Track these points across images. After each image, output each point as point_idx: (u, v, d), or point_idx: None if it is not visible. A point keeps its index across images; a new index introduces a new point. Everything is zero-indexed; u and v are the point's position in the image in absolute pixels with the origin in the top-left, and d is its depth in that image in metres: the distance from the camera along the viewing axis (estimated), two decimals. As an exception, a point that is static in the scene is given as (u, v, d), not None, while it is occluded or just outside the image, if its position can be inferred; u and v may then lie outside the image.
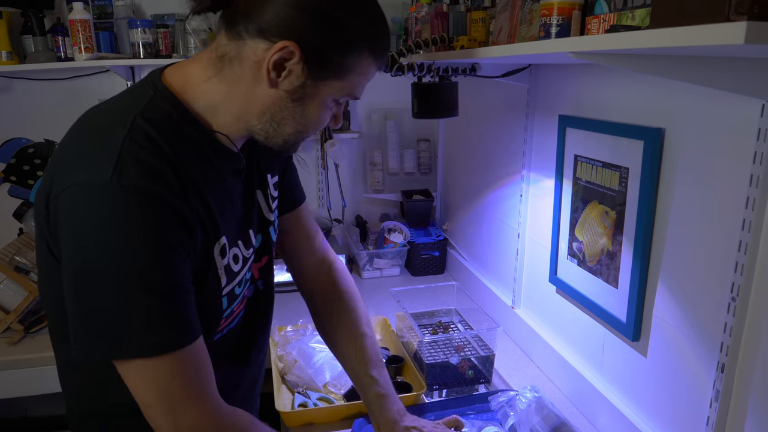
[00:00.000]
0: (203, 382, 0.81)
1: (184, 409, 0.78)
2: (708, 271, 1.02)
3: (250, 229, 0.96)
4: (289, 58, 0.78)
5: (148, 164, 0.74)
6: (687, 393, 1.08)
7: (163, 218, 0.74)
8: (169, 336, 0.75)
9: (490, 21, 1.46)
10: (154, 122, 0.78)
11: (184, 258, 0.78)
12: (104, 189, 0.71)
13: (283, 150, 0.90)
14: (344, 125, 2.44)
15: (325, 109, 0.86)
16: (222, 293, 0.88)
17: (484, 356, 1.54)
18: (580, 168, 1.37)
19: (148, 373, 0.76)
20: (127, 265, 0.72)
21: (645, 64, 0.81)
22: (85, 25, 1.98)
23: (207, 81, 0.83)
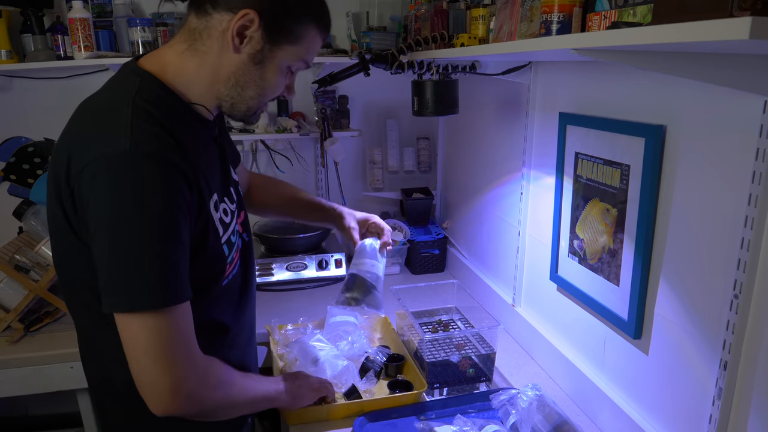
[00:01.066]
0: (193, 336, 0.92)
1: (179, 360, 0.88)
2: (710, 269, 1.01)
3: (231, 187, 1.10)
4: (249, 25, 0.92)
5: (155, 134, 0.87)
6: (689, 391, 1.08)
7: (173, 179, 0.86)
8: (169, 294, 0.86)
9: (490, 18, 1.46)
10: (150, 101, 0.91)
11: (186, 217, 0.89)
12: (124, 157, 0.83)
13: (244, 119, 1.04)
14: (343, 123, 2.44)
15: (281, 74, 1.00)
16: (222, 242, 1.01)
17: (485, 354, 1.53)
18: (580, 165, 1.36)
19: (152, 325, 0.86)
20: (145, 222, 0.83)
21: (647, 61, 0.81)
22: (85, 24, 1.98)
23: (180, 58, 0.96)
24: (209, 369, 0.96)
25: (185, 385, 0.89)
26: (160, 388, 0.88)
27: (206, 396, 0.94)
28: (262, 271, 2.17)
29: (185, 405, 0.90)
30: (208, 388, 0.94)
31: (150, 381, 0.88)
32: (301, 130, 2.31)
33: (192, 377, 0.90)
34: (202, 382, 0.93)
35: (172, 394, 0.88)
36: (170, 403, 0.89)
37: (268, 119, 2.29)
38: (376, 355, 1.53)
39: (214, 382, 0.96)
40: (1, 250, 1.88)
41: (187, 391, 0.90)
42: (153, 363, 0.87)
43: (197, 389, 0.92)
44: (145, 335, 0.86)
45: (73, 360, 1.75)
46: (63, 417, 2.54)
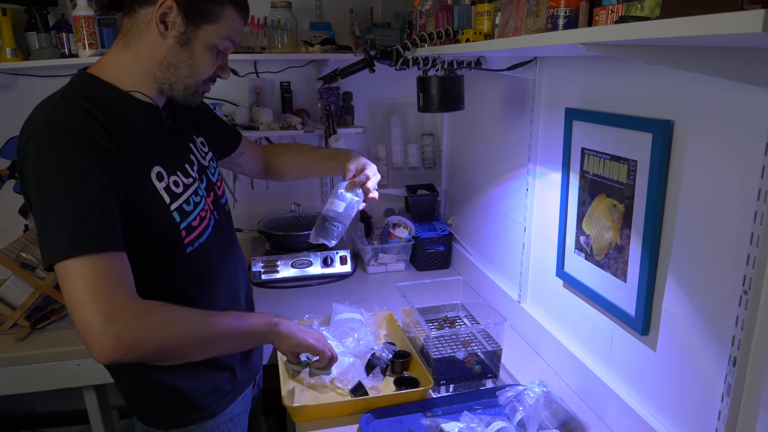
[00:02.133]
0: (126, 283, 0.96)
1: (106, 301, 0.92)
2: (719, 264, 1.01)
3: (186, 164, 1.18)
4: (169, 12, 1.04)
5: (72, 114, 0.98)
6: (697, 387, 1.08)
7: (82, 147, 0.95)
8: (95, 241, 0.93)
9: (496, 14, 1.45)
10: (80, 94, 1.03)
11: (103, 181, 0.96)
12: (39, 133, 0.95)
13: (186, 99, 1.13)
14: (348, 120, 2.43)
15: (208, 52, 1.09)
16: (171, 209, 1.10)
17: (491, 351, 1.53)
18: (587, 161, 1.36)
19: (79, 272, 0.91)
20: (57, 184, 0.93)
21: (656, 55, 0.81)
22: (89, 22, 1.98)
23: (117, 56, 1.09)
24: (145, 310, 0.96)
25: (114, 326, 0.90)
26: (91, 332, 0.90)
27: (142, 336, 0.93)
28: (267, 268, 2.17)
29: (118, 347, 0.91)
30: (143, 328, 0.94)
31: (81, 326, 0.91)
32: (305, 126, 2.30)
33: (122, 318, 0.91)
34: (134, 323, 0.93)
35: (103, 336, 0.90)
36: (104, 347, 0.90)
37: (273, 116, 2.29)
38: (382, 352, 1.53)
39: (150, 321, 0.95)
40: (7, 247, 1.89)
41: (117, 332, 0.90)
42: (82, 309, 0.91)
43: (129, 330, 0.92)
44: (72, 283, 0.92)
45: (79, 357, 1.76)
46: (69, 414, 2.55)
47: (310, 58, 2.35)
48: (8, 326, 1.82)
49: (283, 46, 2.23)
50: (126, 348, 0.91)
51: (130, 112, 1.08)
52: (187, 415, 1.18)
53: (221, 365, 1.22)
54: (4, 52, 2.05)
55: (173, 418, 1.19)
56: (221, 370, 1.22)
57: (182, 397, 1.17)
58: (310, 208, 2.54)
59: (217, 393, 1.22)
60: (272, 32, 2.23)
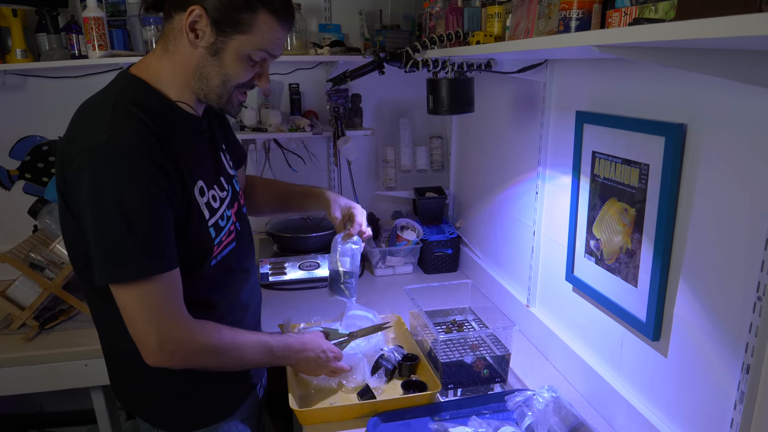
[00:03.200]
0: (178, 301, 1.03)
1: (164, 322, 1.01)
2: (732, 270, 0.99)
3: (221, 177, 1.19)
4: (198, 20, 1.00)
5: (131, 129, 0.96)
6: (709, 394, 1.06)
7: (144, 168, 0.95)
8: (155, 263, 0.97)
9: (506, 16, 1.45)
10: (132, 101, 1.00)
11: (163, 201, 0.98)
12: (100, 149, 0.94)
13: (222, 109, 1.10)
14: (356, 122, 2.43)
15: (241, 62, 1.05)
16: (208, 224, 1.10)
17: (499, 355, 1.52)
18: (598, 164, 1.34)
19: (138, 293, 0.97)
20: (119, 206, 0.93)
21: (671, 58, 0.80)
22: (99, 23, 1.98)
23: (159, 61, 1.06)
24: (195, 334, 1.06)
25: (169, 346, 1.02)
26: (148, 347, 1.01)
27: (190, 358, 1.06)
28: (275, 269, 2.17)
29: (171, 361, 1.04)
30: (192, 352, 1.06)
31: (139, 340, 1.01)
32: (314, 128, 2.30)
33: (176, 340, 1.02)
34: (185, 346, 1.04)
35: (159, 352, 1.01)
36: (158, 359, 1.03)
37: (281, 118, 2.29)
38: (391, 354, 1.53)
39: (199, 347, 1.06)
40: (17, 248, 1.90)
41: (172, 350, 1.02)
42: (140, 326, 1.00)
43: (181, 350, 1.04)
44: (132, 302, 0.99)
45: (87, 358, 1.76)
46: (77, 414, 2.56)
47: (319, 60, 2.34)
48: (17, 326, 1.82)
49: (292, 47, 2.23)
50: (176, 362, 1.05)
51: (178, 124, 1.06)
52: (196, 419, 1.18)
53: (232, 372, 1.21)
54: (15, 53, 2.06)
55: (182, 422, 1.18)
56: (230, 377, 1.21)
57: (192, 401, 1.17)
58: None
59: (227, 397, 1.22)
60: (281, 34, 2.22)
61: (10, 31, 2.07)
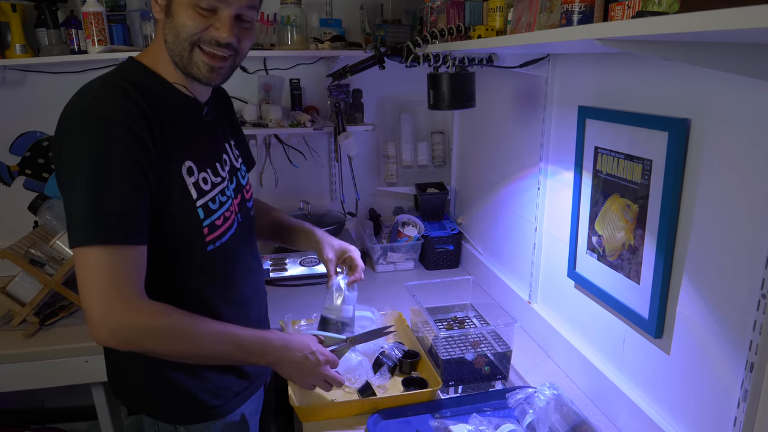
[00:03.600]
0: (134, 281, 0.99)
1: (108, 298, 0.96)
2: (736, 267, 0.98)
3: (217, 163, 1.17)
4: None
5: (113, 100, 0.98)
6: (713, 392, 1.05)
7: (118, 135, 0.96)
8: (113, 233, 0.95)
9: (508, 10, 1.43)
10: (125, 78, 1.03)
11: (135, 171, 0.97)
12: (79, 116, 0.97)
13: (190, 72, 1.07)
14: (357, 117, 2.42)
15: (187, 12, 1.01)
16: (196, 204, 1.09)
17: (500, 352, 1.51)
18: (600, 160, 1.33)
19: (90, 261, 0.95)
20: (93, 171, 0.94)
21: (675, 52, 0.78)
22: (98, 18, 1.97)
23: (155, 46, 1.09)
24: (138, 314, 0.99)
25: (110, 322, 0.97)
26: (89, 317, 0.97)
27: (133, 339, 1.00)
28: (276, 266, 2.16)
29: (111, 341, 0.99)
30: (134, 332, 0.99)
31: (84, 310, 0.98)
32: (314, 124, 2.29)
33: (116, 319, 0.97)
34: (126, 326, 0.98)
35: (97, 325, 0.97)
36: (97, 333, 0.98)
37: (282, 113, 2.27)
38: (392, 351, 1.52)
39: (141, 328, 0.99)
40: (17, 244, 1.89)
41: (112, 327, 0.97)
42: (87, 293, 0.97)
43: (121, 331, 0.98)
44: (85, 268, 0.96)
45: (88, 354, 1.76)
46: (78, 410, 2.56)
47: (319, 55, 2.33)
48: (17, 322, 1.82)
49: (292, 42, 2.21)
50: (116, 343, 1.00)
51: (171, 103, 1.08)
52: (195, 413, 1.18)
53: (230, 367, 1.21)
54: (14, 48, 2.05)
55: (182, 415, 1.18)
56: (231, 372, 1.21)
57: (191, 395, 1.16)
58: (319, 205, 2.53)
59: (227, 393, 1.21)
60: (282, 29, 2.21)
61: (9, 27, 2.05)
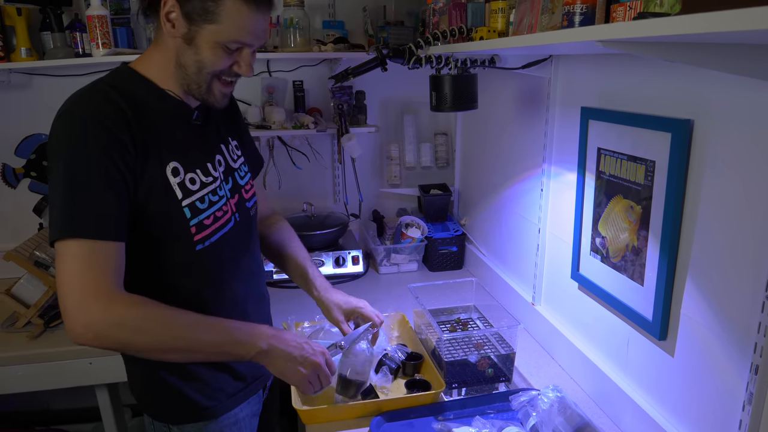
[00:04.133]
0: (110, 276, 0.97)
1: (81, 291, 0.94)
2: (740, 269, 0.98)
3: (208, 164, 1.17)
4: (172, 11, 1.02)
5: (94, 102, 1.01)
6: (717, 395, 1.05)
7: (96, 135, 0.97)
8: (86, 227, 0.96)
9: (510, 11, 1.43)
10: (110, 83, 1.05)
11: (111, 171, 0.98)
12: (61, 116, 1.00)
13: (204, 98, 1.10)
14: (360, 119, 2.42)
15: (215, 51, 1.04)
16: (182, 204, 1.09)
17: (504, 354, 1.51)
18: (603, 161, 1.33)
19: (66, 255, 0.95)
20: (70, 167, 0.96)
21: (677, 53, 0.78)
22: (103, 21, 1.98)
23: (150, 54, 1.10)
24: (112, 305, 0.97)
25: (84, 316, 0.94)
26: (66, 314, 0.95)
27: (110, 333, 0.97)
28: (279, 268, 2.16)
29: (84, 332, 0.95)
30: (110, 325, 0.96)
31: (60, 303, 0.96)
32: (317, 126, 2.29)
33: (94, 310, 0.95)
34: (103, 316, 0.95)
35: (72, 319, 0.95)
36: (72, 327, 0.95)
37: (285, 115, 2.28)
38: (395, 353, 1.52)
39: (117, 320, 0.97)
40: (22, 246, 1.90)
41: (86, 322, 0.95)
42: (61, 287, 0.95)
43: (97, 324, 0.95)
44: (62, 261, 0.96)
45: (92, 356, 1.77)
46: (83, 411, 2.57)
47: (322, 57, 2.33)
48: (22, 324, 1.83)
49: (295, 44, 2.22)
50: (92, 337, 0.96)
51: (158, 107, 1.09)
52: (187, 414, 1.19)
53: (222, 367, 1.21)
54: (20, 51, 2.06)
55: (176, 415, 1.19)
56: (224, 372, 1.21)
57: (184, 395, 1.17)
58: (322, 207, 2.53)
59: (220, 394, 1.21)
60: (285, 31, 2.22)
61: (15, 30, 2.07)
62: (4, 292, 1.83)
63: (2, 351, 1.74)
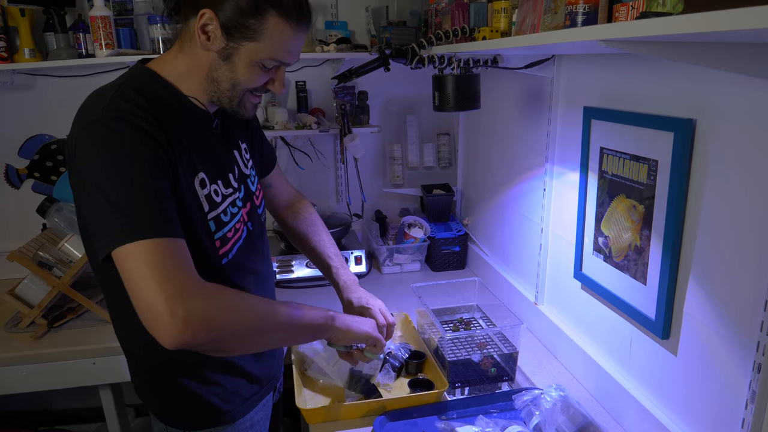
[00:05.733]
0: (189, 266, 0.91)
1: (170, 280, 0.86)
2: (743, 268, 0.98)
3: (229, 174, 1.15)
4: (209, 24, 0.98)
5: (129, 107, 0.95)
6: (720, 393, 1.05)
7: (140, 137, 0.93)
8: (152, 227, 0.89)
9: (512, 11, 1.43)
10: (135, 88, 0.99)
11: (160, 169, 0.94)
12: (97, 122, 0.92)
13: (236, 111, 1.09)
14: (363, 119, 2.42)
15: (252, 69, 1.02)
16: (207, 217, 1.07)
17: (507, 353, 1.51)
18: (606, 161, 1.33)
19: (139, 254, 0.86)
20: (115, 172, 0.90)
21: (680, 52, 0.78)
22: (106, 22, 1.99)
23: (175, 59, 1.06)
24: (213, 291, 0.92)
25: (183, 305, 0.85)
26: (156, 313, 0.84)
27: (212, 317, 0.88)
28: (282, 267, 2.17)
29: (187, 327, 0.85)
30: (213, 308, 0.89)
31: (145, 308, 0.86)
32: (320, 126, 2.30)
33: (190, 297, 0.87)
34: (204, 302, 0.88)
35: (170, 316, 0.84)
36: (172, 328, 0.84)
37: (288, 115, 2.28)
38: (398, 351, 1.52)
39: (220, 303, 0.91)
40: (25, 246, 1.90)
41: (186, 311, 0.85)
42: (145, 288, 0.85)
43: (199, 309, 0.87)
44: (134, 265, 0.86)
45: (95, 356, 1.77)
46: (86, 411, 2.57)
47: (325, 57, 2.34)
48: (26, 324, 1.83)
49: (298, 45, 2.22)
50: (196, 328, 0.85)
51: (184, 115, 1.05)
52: (206, 419, 1.17)
53: (239, 371, 1.20)
54: (23, 52, 2.07)
55: (192, 420, 1.17)
56: (239, 377, 1.20)
57: (203, 400, 1.15)
58: (325, 207, 2.53)
59: (236, 398, 1.20)
60: (287, 31, 2.22)
61: (18, 31, 2.07)
62: (8, 292, 1.83)
63: (6, 351, 1.75)
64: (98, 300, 1.94)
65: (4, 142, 2.26)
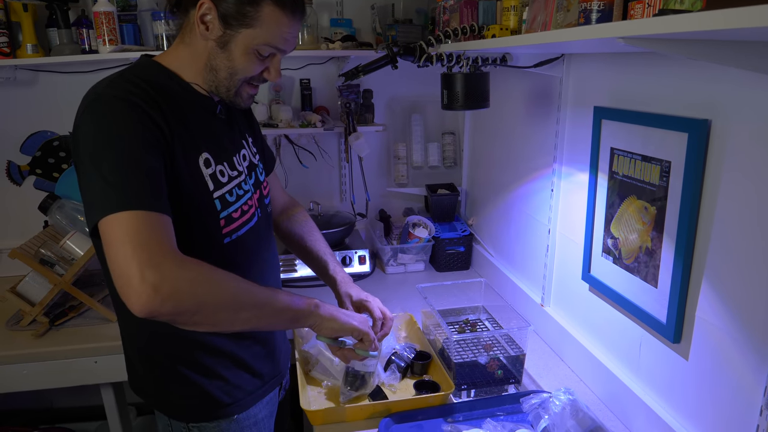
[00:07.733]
0: (167, 238, 0.92)
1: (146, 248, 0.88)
2: (758, 271, 0.96)
3: (235, 157, 1.18)
4: (208, 13, 1.03)
5: (129, 87, 1.00)
6: (733, 399, 1.03)
7: (135, 115, 0.96)
8: (140, 198, 0.91)
9: (523, 9, 1.41)
10: (138, 75, 1.04)
11: (154, 146, 0.97)
12: (97, 100, 0.98)
13: (232, 101, 1.12)
14: (368, 118, 2.40)
15: (248, 56, 1.06)
16: (213, 196, 1.09)
17: (513, 356, 1.49)
18: (616, 161, 1.31)
19: (120, 224, 0.88)
20: (109, 146, 0.93)
21: (699, 51, 0.76)
22: (109, 18, 1.97)
23: (176, 51, 1.11)
24: (187, 262, 0.91)
25: (154, 273, 0.86)
26: (128, 279, 0.86)
27: (182, 288, 0.89)
28: (286, 267, 2.15)
29: (156, 294, 0.85)
30: (183, 279, 0.89)
31: (120, 273, 0.87)
32: (325, 124, 2.28)
33: (163, 266, 0.87)
34: (175, 272, 0.89)
35: (141, 283, 0.85)
36: (140, 294, 0.85)
37: (292, 113, 2.26)
38: (404, 351, 1.50)
39: (192, 274, 0.91)
40: (27, 244, 1.89)
41: (156, 279, 0.86)
42: (120, 254, 0.87)
43: (169, 279, 0.87)
44: (116, 233, 0.88)
45: (97, 354, 1.76)
46: (87, 410, 2.56)
47: (330, 55, 2.32)
48: (27, 322, 1.82)
49: (303, 42, 2.20)
50: (164, 297, 0.86)
51: (186, 99, 1.09)
52: (208, 412, 1.17)
53: (243, 365, 1.20)
54: (26, 48, 2.05)
55: (194, 413, 1.18)
56: (242, 370, 1.20)
57: (205, 392, 1.16)
58: (328, 206, 2.52)
59: (238, 392, 1.20)
60: (292, 29, 2.20)
61: (21, 26, 2.06)
62: (9, 290, 1.82)
63: (7, 349, 1.73)
64: (100, 298, 1.92)
65: (6, 139, 2.24)
